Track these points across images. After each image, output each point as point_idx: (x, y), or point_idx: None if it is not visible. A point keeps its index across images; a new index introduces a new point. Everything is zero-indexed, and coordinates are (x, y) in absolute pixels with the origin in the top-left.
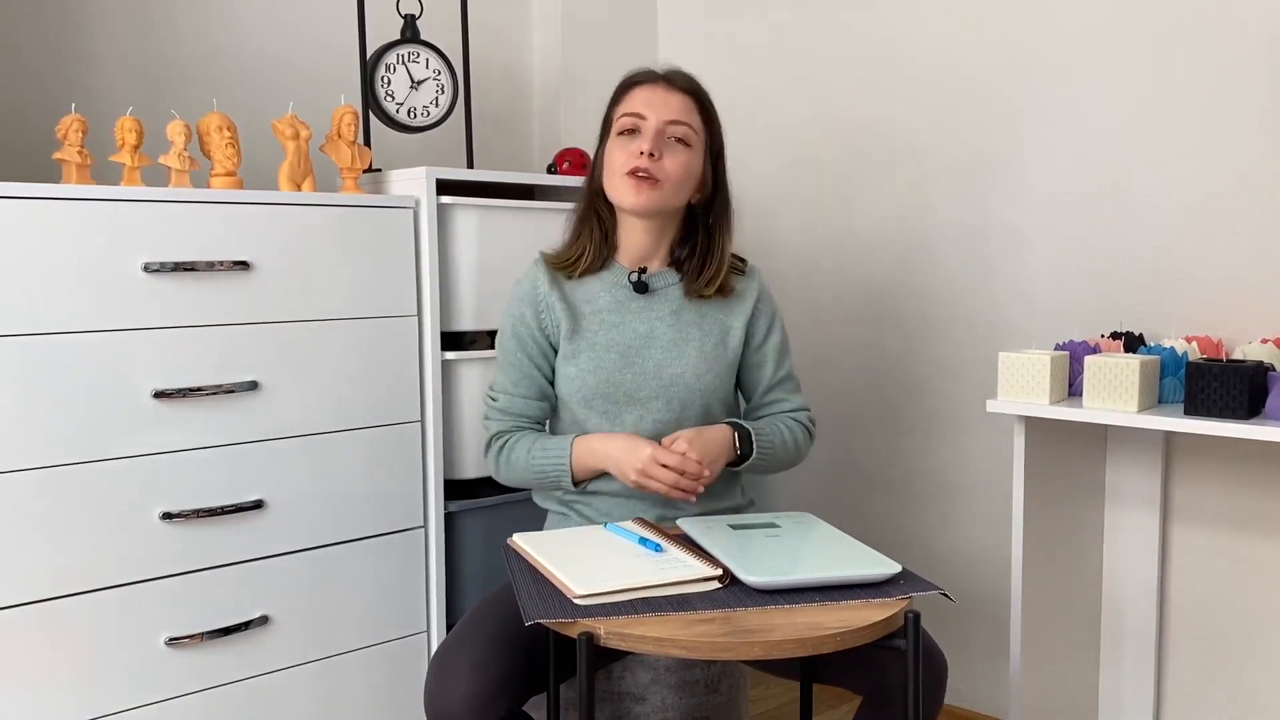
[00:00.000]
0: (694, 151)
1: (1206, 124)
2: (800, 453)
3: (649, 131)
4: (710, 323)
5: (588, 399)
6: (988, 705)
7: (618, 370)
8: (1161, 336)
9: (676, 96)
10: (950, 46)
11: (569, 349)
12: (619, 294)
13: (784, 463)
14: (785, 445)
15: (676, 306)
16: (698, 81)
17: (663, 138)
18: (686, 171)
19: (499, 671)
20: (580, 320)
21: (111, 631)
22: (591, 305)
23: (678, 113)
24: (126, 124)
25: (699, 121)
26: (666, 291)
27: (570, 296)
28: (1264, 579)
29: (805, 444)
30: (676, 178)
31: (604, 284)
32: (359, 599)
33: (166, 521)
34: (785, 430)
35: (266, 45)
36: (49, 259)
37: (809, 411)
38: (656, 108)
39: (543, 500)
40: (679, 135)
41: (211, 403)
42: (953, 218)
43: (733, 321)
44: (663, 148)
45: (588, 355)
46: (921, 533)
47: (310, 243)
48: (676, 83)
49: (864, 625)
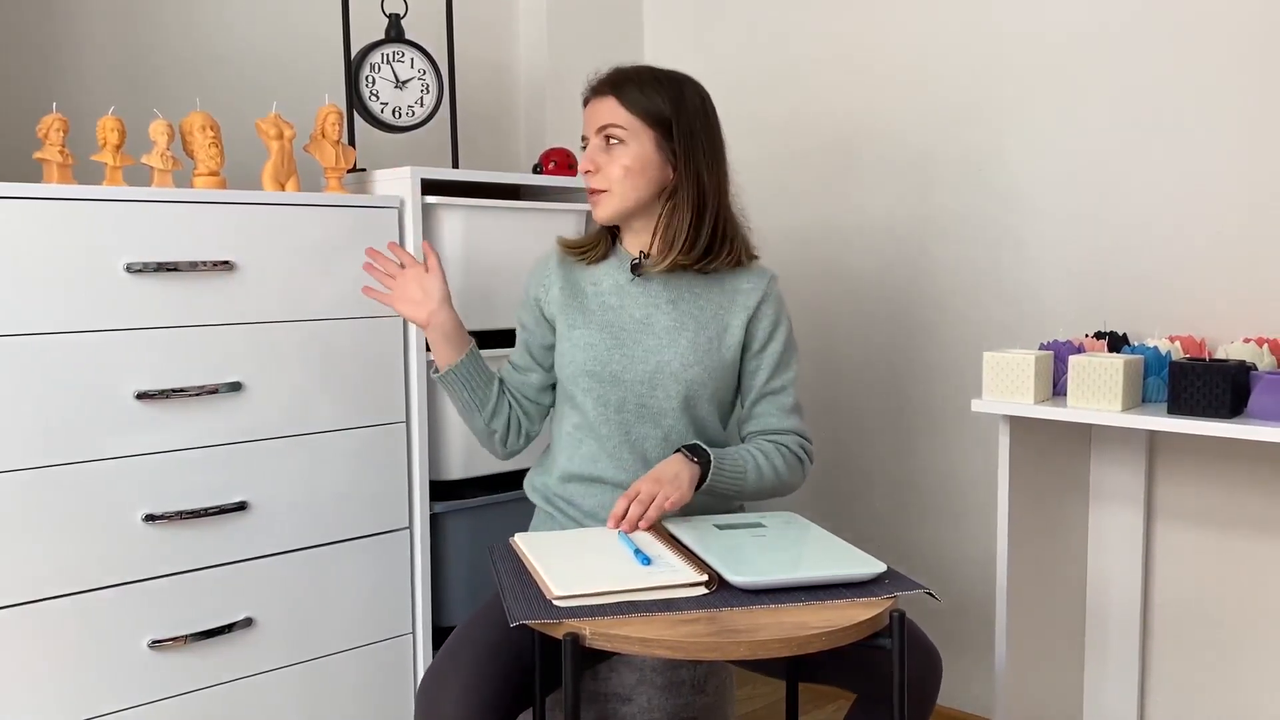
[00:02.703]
0: (630, 145)
1: (1191, 125)
2: (783, 480)
3: (589, 149)
4: (709, 317)
5: (575, 376)
6: (973, 704)
7: (607, 350)
8: (1145, 336)
9: (599, 101)
10: (937, 46)
11: (565, 326)
12: (620, 278)
13: (764, 490)
14: (760, 471)
15: (675, 296)
16: (623, 71)
17: (600, 149)
18: (627, 168)
19: (490, 692)
20: (584, 300)
21: (94, 634)
22: (595, 287)
23: (603, 117)
24: (108, 123)
25: (625, 115)
26: (667, 280)
27: (575, 277)
28: (1247, 577)
29: (793, 470)
30: (619, 177)
31: (609, 268)
32: (344, 601)
33: (149, 523)
34: (760, 456)
35: (250, 44)
36: (30, 259)
37: (801, 437)
38: (589, 121)
39: (531, 491)
40: (608, 135)
41: (195, 403)
42: (938, 217)
43: (732, 319)
44: (601, 156)
45: (582, 333)
46: (907, 532)
47: (294, 243)
48: (599, 88)
49: (849, 625)
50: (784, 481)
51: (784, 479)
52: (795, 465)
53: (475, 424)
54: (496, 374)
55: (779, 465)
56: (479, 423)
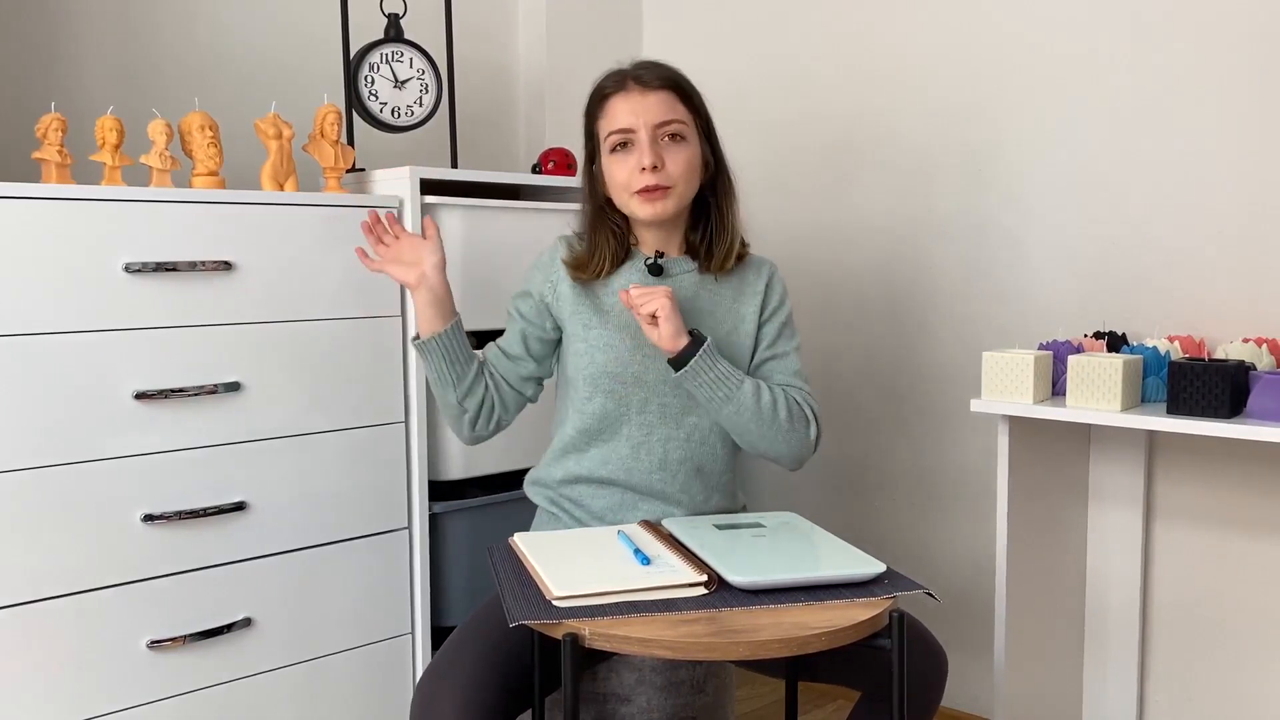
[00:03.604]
0: (690, 141)
1: (1190, 125)
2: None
3: (642, 144)
4: (724, 312)
5: (595, 377)
6: (973, 704)
7: (629, 351)
8: (1144, 336)
9: (654, 95)
10: (939, 45)
11: (580, 326)
12: (634, 278)
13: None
14: (759, 396)
15: (691, 294)
16: (669, 68)
17: (658, 142)
18: (690, 165)
19: (489, 692)
20: (597, 300)
21: (92, 634)
22: (607, 287)
23: (663, 112)
24: (107, 123)
25: (685, 111)
26: (682, 278)
27: None
28: (1246, 576)
29: (795, 420)
30: (684, 175)
31: (622, 269)
32: (342, 601)
33: (148, 523)
34: (764, 386)
35: (249, 44)
36: (29, 259)
37: (809, 397)
38: (640, 114)
39: (535, 494)
40: (672, 133)
41: (194, 404)
42: (938, 217)
43: (746, 310)
44: (661, 152)
45: (600, 333)
46: (906, 532)
47: (293, 243)
48: (653, 83)
49: (849, 625)
50: (781, 426)
51: (781, 422)
52: (800, 416)
53: (447, 399)
54: (479, 355)
55: (779, 404)
56: (451, 398)
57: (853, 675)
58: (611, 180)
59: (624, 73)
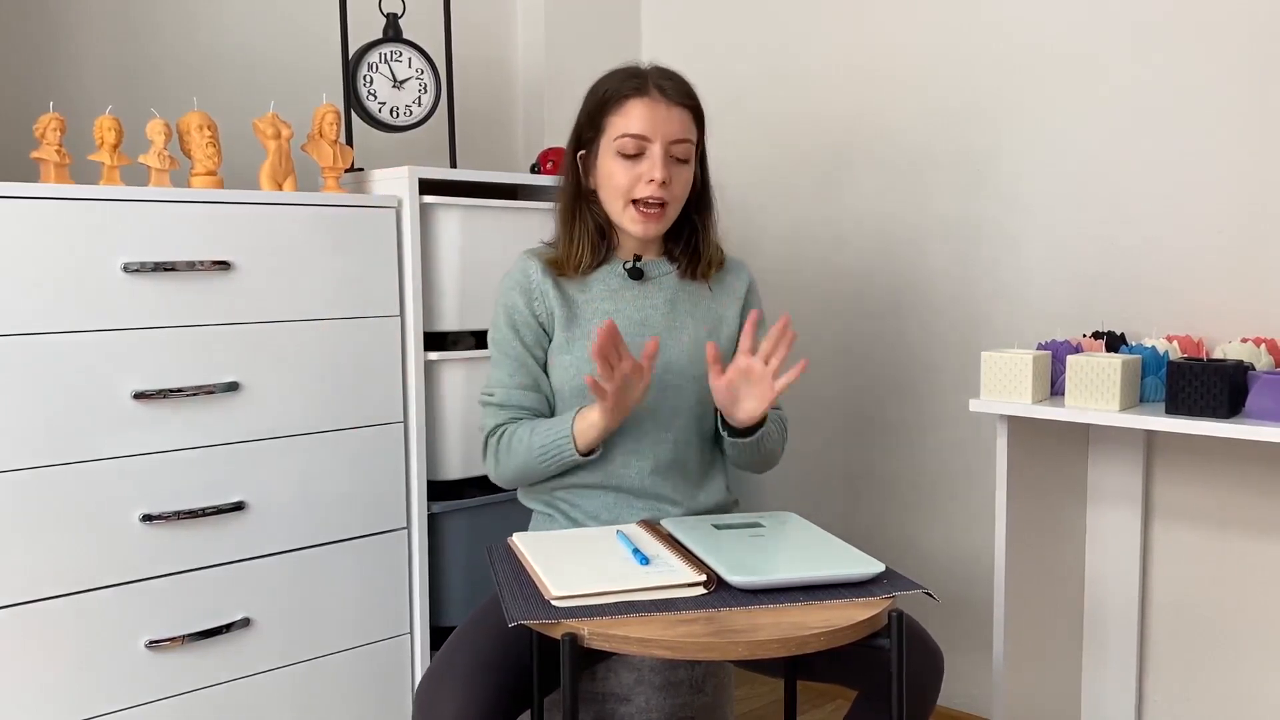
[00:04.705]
0: (691, 164)
1: (1189, 125)
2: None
3: (655, 156)
4: (704, 312)
5: (581, 388)
6: (971, 703)
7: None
8: (1143, 336)
9: (677, 112)
10: (937, 45)
11: (563, 338)
12: (613, 282)
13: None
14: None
15: (671, 295)
16: (689, 85)
17: (669, 158)
18: (687, 187)
19: (488, 693)
20: (575, 308)
21: (91, 634)
22: (586, 294)
23: (680, 131)
24: (105, 123)
25: (695, 133)
26: (661, 280)
27: (563, 286)
28: (1244, 577)
29: (782, 439)
30: (681, 197)
31: (600, 274)
32: (341, 601)
33: (147, 523)
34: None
35: (247, 44)
36: (27, 259)
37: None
38: (659, 127)
39: (528, 499)
40: (680, 154)
41: (192, 404)
42: (937, 217)
43: (726, 311)
44: (669, 169)
45: (582, 344)
46: (905, 532)
47: (292, 242)
48: (675, 97)
49: (848, 625)
50: (777, 451)
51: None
52: (782, 432)
53: (548, 474)
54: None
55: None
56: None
57: (851, 675)
58: (610, 180)
59: (645, 76)
